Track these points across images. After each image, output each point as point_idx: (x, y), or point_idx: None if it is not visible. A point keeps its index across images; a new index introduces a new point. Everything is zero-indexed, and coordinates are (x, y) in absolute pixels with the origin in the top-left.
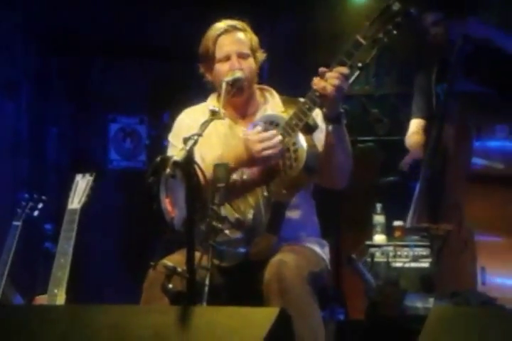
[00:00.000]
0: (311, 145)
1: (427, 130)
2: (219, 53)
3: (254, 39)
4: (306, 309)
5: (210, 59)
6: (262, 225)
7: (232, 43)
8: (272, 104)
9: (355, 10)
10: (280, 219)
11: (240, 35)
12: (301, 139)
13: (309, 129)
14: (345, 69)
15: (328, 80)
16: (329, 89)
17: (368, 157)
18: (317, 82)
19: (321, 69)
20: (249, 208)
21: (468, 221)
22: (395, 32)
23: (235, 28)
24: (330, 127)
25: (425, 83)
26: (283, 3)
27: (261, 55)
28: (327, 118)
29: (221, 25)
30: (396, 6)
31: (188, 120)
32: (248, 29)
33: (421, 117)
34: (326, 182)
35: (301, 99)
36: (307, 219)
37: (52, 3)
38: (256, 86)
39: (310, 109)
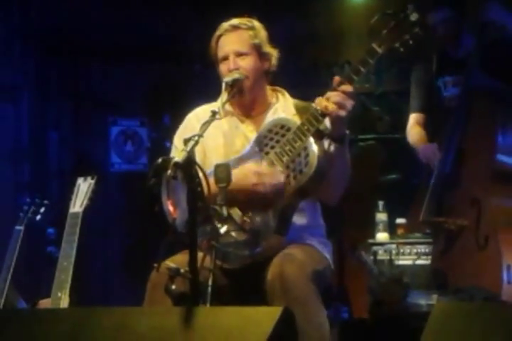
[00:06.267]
0: (322, 151)
1: (425, 124)
2: (220, 54)
3: (260, 36)
4: (310, 307)
5: (215, 59)
6: (270, 229)
7: (230, 43)
8: (283, 106)
9: (354, 9)
10: (288, 222)
11: (241, 33)
12: (313, 144)
13: (321, 135)
14: (349, 88)
15: (330, 99)
16: (331, 107)
17: (369, 155)
18: (319, 102)
19: (336, 78)
20: (257, 211)
21: (494, 218)
22: (411, 42)
23: (236, 28)
24: (331, 146)
25: (424, 76)
26: (281, 2)
27: (270, 51)
28: (330, 137)
29: (224, 25)
30: (414, 17)
31: (195, 122)
32: (256, 26)
33: (419, 111)
34: (318, 195)
35: (313, 104)
36: (313, 222)
37: (50, 6)
38: (268, 87)
39: (313, 126)
